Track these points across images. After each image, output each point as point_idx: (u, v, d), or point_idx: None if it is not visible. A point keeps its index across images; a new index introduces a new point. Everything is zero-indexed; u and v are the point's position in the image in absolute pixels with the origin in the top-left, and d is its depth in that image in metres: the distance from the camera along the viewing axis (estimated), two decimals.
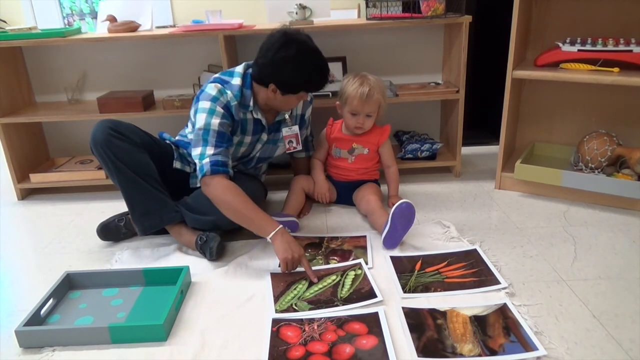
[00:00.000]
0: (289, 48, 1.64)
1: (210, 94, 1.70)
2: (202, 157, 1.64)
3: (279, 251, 1.56)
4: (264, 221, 1.60)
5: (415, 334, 1.29)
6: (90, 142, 1.71)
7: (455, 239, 1.79)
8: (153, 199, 1.75)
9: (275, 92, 1.71)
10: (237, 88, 1.74)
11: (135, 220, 1.78)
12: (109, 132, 1.68)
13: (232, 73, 1.79)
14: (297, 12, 2.17)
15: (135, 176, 1.71)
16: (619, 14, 2.04)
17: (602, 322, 1.32)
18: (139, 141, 1.75)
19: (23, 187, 2.35)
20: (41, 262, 1.79)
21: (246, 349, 1.28)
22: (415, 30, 2.42)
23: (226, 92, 1.72)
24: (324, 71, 1.72)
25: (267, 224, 1.59)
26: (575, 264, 1.61)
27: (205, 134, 1.66)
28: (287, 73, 1.66)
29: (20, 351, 1.32)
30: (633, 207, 1.95)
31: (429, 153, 2.36)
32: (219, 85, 1.72)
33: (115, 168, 1.70)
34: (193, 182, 1.94)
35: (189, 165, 1.94)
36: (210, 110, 1.68)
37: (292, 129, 1.93)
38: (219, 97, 1.70)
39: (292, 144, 1.96)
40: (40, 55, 2.43)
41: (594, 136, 2.04)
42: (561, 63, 2.01)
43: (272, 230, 1.57)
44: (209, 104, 1.69)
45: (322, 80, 1.73)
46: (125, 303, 1.50)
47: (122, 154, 1.69)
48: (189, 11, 3.75)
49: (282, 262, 1.55)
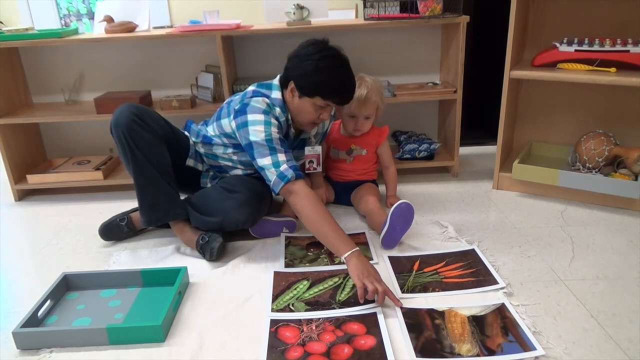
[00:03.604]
0: (318, 46, 1.64)
1: (260, 107, 1.66)
2: (277, 164, 1.60)
3: (353, 274, 1.43)
4: (341, 240, 1.50)
5: (413, 334, 1.29)
6: (111, 124, 1.67)
7: (453, 239, 1.79)
8: (164, 192, 1.74)
9: (293, 92, 1.68)
10: (280, 102, 1.72)
11: (143, 211, 1.76)
12: (133, 118, 1.65)
13: (270, 86, 1.76)
14: (294, 13, 2.17)
15: (150, 167, 1.69)
16: (616, 14, 2.04)
17: (600, 322, 1.32)
18: (161, 132, 1.73)
19: (20, 188, 2.34)
20: (38, 264, 1.79)
21: (244, 350, 1.27)
22: (413, 30, 2.42)
23: (275, 107, 1.71)
24: (345, 78, 1.64)
25: (344, 243, 1.49)
26: (573, 263, 1.61)
27: (270, 143, 1.62)
28: (306, 67, 1.62)
29: (17, 353, 1.31)
30: (630, 207, 1.95)
31: (427, 153, 2.36)
32: (267, 100, 1.69)
33: (132, 155, 1.67)
34: (204, 182, 1.93)
35: (201, 164, 1.93)
36: (266, 121, 1.64)
37: (315, 149, 1.91)
38: (270, 111, 1.68)
39: (313, 164, 1.92)
40: (37, 56, 2.42)
41: (591, 136, 2.05)
42: (558, 63, 2.02)
43: (347, 251, 1.46)
44: (263, 116, 1.65)
45: (340, 86, 1.64)
46: (123, 304, 1.49)
47: (141, 143, 1.67)
48: (186, 11, 3.74)
49: (359, 284, 1.40)
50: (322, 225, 1.53)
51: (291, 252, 1.74)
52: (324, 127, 1.98)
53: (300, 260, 1.69)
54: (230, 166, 1.88)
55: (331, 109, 1.74)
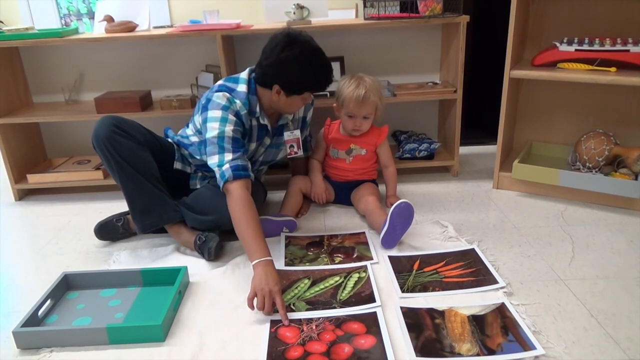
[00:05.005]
0: (294, 48, 1.63)
1: (220, 103, 1.68)
2: (221, 163, 1.61)
3: (254, 280, 1.41)
4: (255, 247, 1.46)
5: (413, 333, 1.29)
6: (92, 138, 1.69)
7: (453, 238, 1.79)
8: (153, 197, 1.74)
9: (279, 93, 1.70)
10: (244, 95, 1.73)
11: (135, 219, 1.78)
12: (112, 129, 1.67)
13: (237, 79, 1.77)
14: (294, 12, 2.17)
15: (136, 174, 1.70)
16: (616, 14, 2.04)
17: (600, 322, 1.32)
18: (142, 139, 1.74)
19: (20, 187, 2.34)
20: (39, 263, 1.79)
21: (244, 349, 1.27)
22: (413, 30, 2.42)
23: (235, 102, 1.71)
24: (328, 71, 1.71)
25: (257, 250, 1.45)
26: (573, 263, 1.61)
27: (220, 141, 1.64)
28: (292, 73, 1.65)
29: (17, 352, 1.31)
30: (630, 207, 1.95)
31: (427, 153, 2.36)
32: (228, 94, 1.70)
33: (117, 165, 1.69)
34: (193, 183, 1.93)
35: (189, 166, 1.93)
36: (222, 118, 1.66)
37: (294, 133, 1.92)
38: (229, 106, 1.68)
39: (293, 148, 1.94)
40: (37, 56, 2.42)
41: (591, 136, 2.05)
42: (558, 63, 2.02)
43: (257, 258, 1.44)
44: (220, 112, 1.67)
45: (327, 79, 1.72)
46: (123, 303, 1.50)
47: (124, 151, 1.68)
48: (187, 11, 3.75)
49: (251, 291, 1.39)
50: (245, 229, 1.50)
51: (291, 252, 1.74)
52: (301, 113, 1.98)
53: (300, 259, 1.69)
54: None
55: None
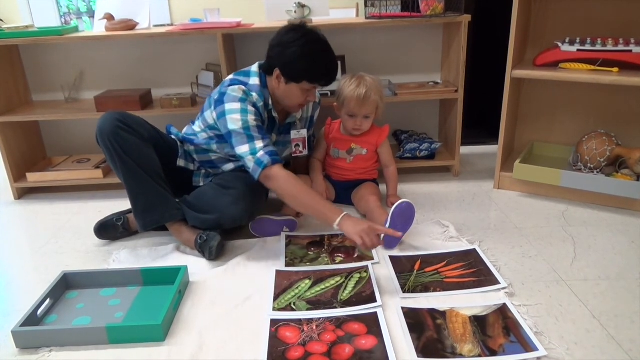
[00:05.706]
0: (299, 31, 1.65)
1: (237, 95, 1.68)
2: (255, 151, 1.62)
3: (350, 233, 1.52)
4: (328, 210, 1.58)
5: (414, 334, 1.28)
6: (96, 133, 1.68)
7: (454, 238, 1.78)
8: (156, 195, 1.74)
9: (279, 79, 1.70)
10: (258, 88, 1.73)
11: (137, 215, 1.77)
12: (117, 124, 1.66)
13: (249, 73, 1.77)
14: (295, 11, 2.16)
15: (140, 171, 1.69)
16: (618, 14, 2.04)
17: (602, 323, 1.32)
18: (147, 135, 1.73)
19: (20, 186, 2.33)
20: (38, 262, 1.78)
21: (244, 349, 1.27)
22: (414, 29, 2.41)
23: (251, 94, 1.71)
24: (328, 62, 1.69)
25: (332, 211, 1.57)
26: (574, 264, 1.61)
27: (247, 131, 1.65)
28: (291, 54, 1.64)
29: (17, 352, 1.31)
30: (632, 207, 1.95)
31: (428, 152, 2.36)
32: (243, 87, 1.71)
33: (120, 161, 1.68)
34: (196, 180, 1.92)
35: (193, 163, 1.93)
36: (242, 109, 1.66)
37: (301, 133, 1.93)
38: (247, 98, 1.69)
39: (299, 147, 1.94)
40: (37, 54, 2.41)
41: (593, 136, 2.04)
42: (560, 63, 2.01)
43: (337, 217, 1.54)
44: (239, 104, 1.67)
45: (326, 72, 1.70)
46: (123, 303, 1.49)
47: (128, 147, 1.67)
48: (187, 9, 3.74)
49: (357, 239, 1.50)
50: (307, 200, 1.59)
51: (292, 252, 1.73)
52: (309, 112, 1.98)
53: (300, 259, 1.68)
54: (222, 158, 1.87)
55: (316, 89, 1.79)
